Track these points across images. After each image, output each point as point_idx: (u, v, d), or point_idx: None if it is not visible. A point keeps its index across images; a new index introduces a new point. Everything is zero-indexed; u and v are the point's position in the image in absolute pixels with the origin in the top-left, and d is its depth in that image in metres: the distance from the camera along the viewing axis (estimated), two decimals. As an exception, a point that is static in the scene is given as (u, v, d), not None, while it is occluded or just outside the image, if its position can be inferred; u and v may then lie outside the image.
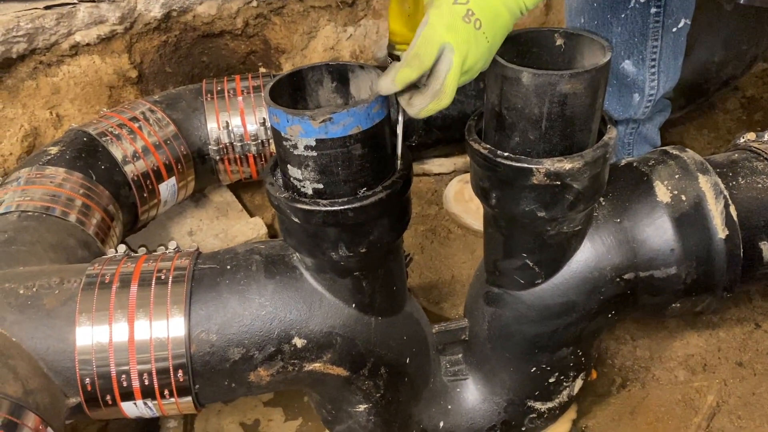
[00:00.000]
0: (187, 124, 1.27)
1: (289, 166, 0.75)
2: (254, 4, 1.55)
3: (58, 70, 1.44)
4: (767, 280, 0.96)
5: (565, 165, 0.76)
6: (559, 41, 0.82)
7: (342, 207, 0.74)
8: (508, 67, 0.74)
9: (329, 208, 0.74)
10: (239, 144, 1.27)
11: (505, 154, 0.78)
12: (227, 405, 1.10)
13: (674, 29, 1.03)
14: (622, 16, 1.01)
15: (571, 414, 1.08)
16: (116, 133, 1.19)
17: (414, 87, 0.70)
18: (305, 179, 0.74)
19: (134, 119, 1.23)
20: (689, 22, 1.05)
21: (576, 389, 1.00)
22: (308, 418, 1.08)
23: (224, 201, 1.43)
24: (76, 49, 1.43)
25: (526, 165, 0.76)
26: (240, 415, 1.09)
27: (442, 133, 1.39)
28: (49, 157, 1.11)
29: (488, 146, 0.80)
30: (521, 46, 0.82)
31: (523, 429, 1.01)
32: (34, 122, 1.43)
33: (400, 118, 0.76)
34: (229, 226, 1.37)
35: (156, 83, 1.54)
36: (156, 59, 1.52)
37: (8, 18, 1.33)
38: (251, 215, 1.42)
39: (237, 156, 1.29)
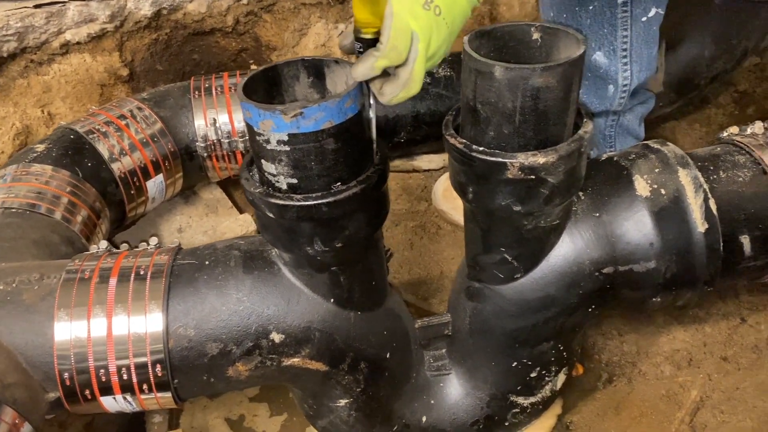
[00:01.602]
0: (175, 122, 1.28)
1: (263, 161, 0.75)
2: (244, 1, 1.55)
3: (49, 68, 1.45)
4: (750, 275, 0.96)
5: (539, 159, 0.76)
6: (536, 35, 0.82)
7: (315, 202, 0.74)
8: (480, 61, 0.74)
9: (303, 203, 0.74)
10: (227, 141, 1.28)
11: (480, 148, 0.78)
12: (213, 400, 1.11)
13: (644, 18, 1.02)
14: (590, 7, 1.01)
15: (556, 409, 1.08)
16: (103, 130, 1.20)
17: (384, 74, 0.71)
18: (279, 174, 0.75)
19: (122, 117, 1.23)
20: (662, 12, 1.04)
21: (559, 384, 0.99)
22: (293, 413, 1.09)
23: (214, 198, 1.43)
24: (66, 48, 1.44)
25: (500, 159, 0.76)
26: (225, 410, 1.09)
27: (430, 129, 1.39)
28: (35, 155, 1.12)
29: (464, 141, 0.80)
30: (498, 40, 0.82)
31: (507, 424, 1.01)
32: (25, 120, 1.43)
33: (372, 102, 0.76)
34: (218, 222, 1.38)
35: (147, 81, 1.54)
36: (147, 57, 1.53)
37: (-2, 17, 1.34)
38: (241, 212, 1.42)
39: (225, 153, 1.29)
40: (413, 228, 1.40)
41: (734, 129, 1.00)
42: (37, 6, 1.37)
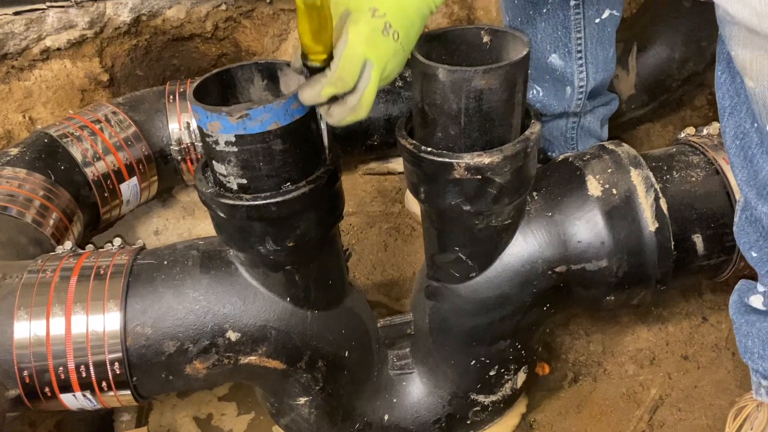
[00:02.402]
0: (149, 126, 1.30)
1: (214, 162, 0.77)
2: (223, 7, 1.57)
3: (30, 74, 1.48)
4: (705, 273, 0.97)
5: (484, 159, 0.77)
6: (486, 38, 0.83)
7: (264, 201, 0.76)
8: (425, 63, 0.75)
9: (252, 203, 0.76)
10: (200, 144, 1.29)
11: (429, 149, 0.80)
12: (182, 399, 1.12)
13: (597, 20, 1.04)
14: (544, 11, 1.02)
15: (520, 408, 1.09)
16: (77, 134, 1.22)
17: (334, 98, 0.71)
18: (229, 175, 0.76)
19: (96, 121, 1.25)
20: (617, 14, 1.06)
21: (519, 383, 1.00)
22: (260, 412, 1.10)
23: (191, 201, 1.45)
24: (47, 54, 1.47)
25: (447, 160, 0.78)
26: (194, 409, 1.11)
27: (404, 132, 1.40)
28: (8, 158, 1.14)
29: (413, 142, 0.81)
30: (450, 44, 0.84)
31: (469, 422, 1.02)
32: (7, 125, 1.46)
33: (322, 124, 0.78)
34: (194, 225, 1.39)
35: (128, 86, 1.56)
36: (127, 63, 1.55)
37: (-22, 24, 1.36)
38: (217, 215, 1.43)
39: (198, 156, 1.31)
40: (387, 230, 1.42)
41: (691, 130, 1.01)
42: (16, 13, 1.39)
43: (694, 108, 1.60)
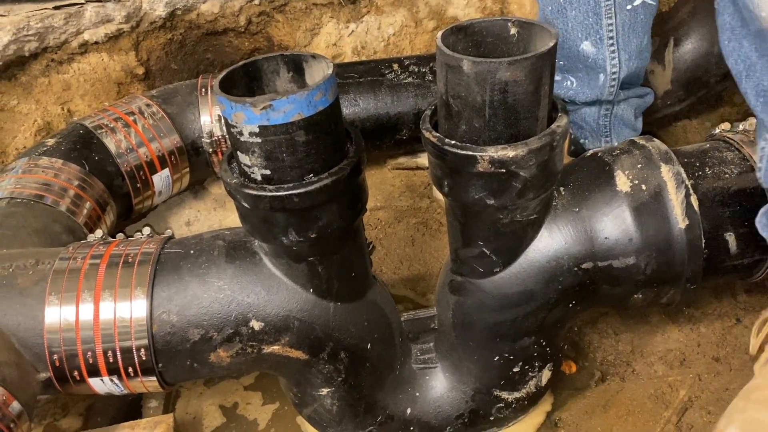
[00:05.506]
0: (182, 118, 1.32)
1: (238, 152, 0.78)
2: (256, 2, 1.59)
3: (68, 67, 1.51)
4: (738, 273, 0.94)
5: (509, 153, 0.76)
6: (513, 30, 0.82)
7: (287, 192, 0.76)
8: (449, 55, 0.75)
9: (275, 194, 0.76)
10: (231, 137, 1.31)
11: (453, 142, 0.79)
12: (209, 388, 1.14)
13: (629, 6, 1.02)
14: None
15: (545, 406, 1.08)
16: (111, 126, 1.24)
17: None
18: (253, 165, 0.77)
19: (130, 113, 1.28)
20: (651, 2, 1.03)
21: (544, 380, 0.99)
22: (285, 402, 1.11)
23: (222, 193, 1.47)
24: (85, 47, 1.50)
25: (471, 153, 0.77)
26: (220, 397, 1.12)
27: (433, 127, 1.40)
28: (45, 149, 1.17)
29: (437, 134, 0.81)
30: (476, 36, 0.83)
31: (492, 418, 1.01)
32: (46, 117, 1.50)
33: None
34: (225, 216, 1.41)
35: (162, 80, 1.59)
36: (162, 56, 1.57)
37: (19, 18, 1.40)
38: (247, 207, 1.45)
39: (229, 148, 1.33)
40: (415, 224, 1.42)
41: (726, 125, 0.99)
42: (56, 8, 1.43)
43: (733, 105, 1.55)
